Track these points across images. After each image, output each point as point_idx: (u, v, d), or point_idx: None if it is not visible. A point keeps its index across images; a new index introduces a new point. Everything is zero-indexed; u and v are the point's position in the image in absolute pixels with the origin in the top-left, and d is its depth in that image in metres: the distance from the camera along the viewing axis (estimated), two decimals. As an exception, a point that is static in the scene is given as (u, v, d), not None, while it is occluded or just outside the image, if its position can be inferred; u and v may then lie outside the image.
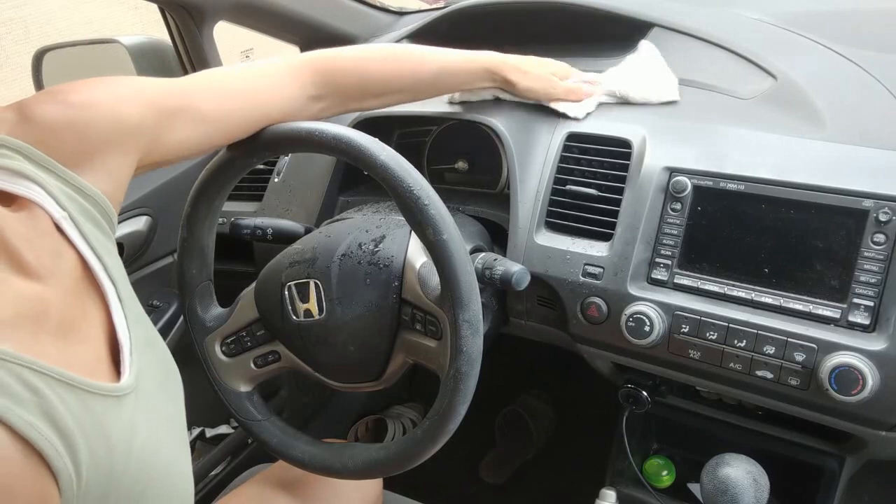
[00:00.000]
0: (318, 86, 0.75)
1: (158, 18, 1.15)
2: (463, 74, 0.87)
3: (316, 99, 0.75)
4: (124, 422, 0.46)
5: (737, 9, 1.04)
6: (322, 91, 0.75)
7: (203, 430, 1.32)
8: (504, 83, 0.89)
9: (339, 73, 0.77)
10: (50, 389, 0.40)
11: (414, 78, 0.83)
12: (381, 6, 1.35)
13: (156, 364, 0.54)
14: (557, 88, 0.90)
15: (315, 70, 0.74)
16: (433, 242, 0.62)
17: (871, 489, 0.94)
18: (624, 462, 0.99)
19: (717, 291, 0.75)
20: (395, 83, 0.82)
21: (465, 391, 0.63)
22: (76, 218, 0.50)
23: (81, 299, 0.49)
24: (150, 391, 0.51)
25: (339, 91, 0.77)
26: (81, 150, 0.52)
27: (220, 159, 0.72)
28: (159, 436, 0.50)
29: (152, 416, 0.50)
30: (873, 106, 0.81)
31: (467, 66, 0.86)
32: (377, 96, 0.81)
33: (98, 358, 0.48)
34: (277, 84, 0.71)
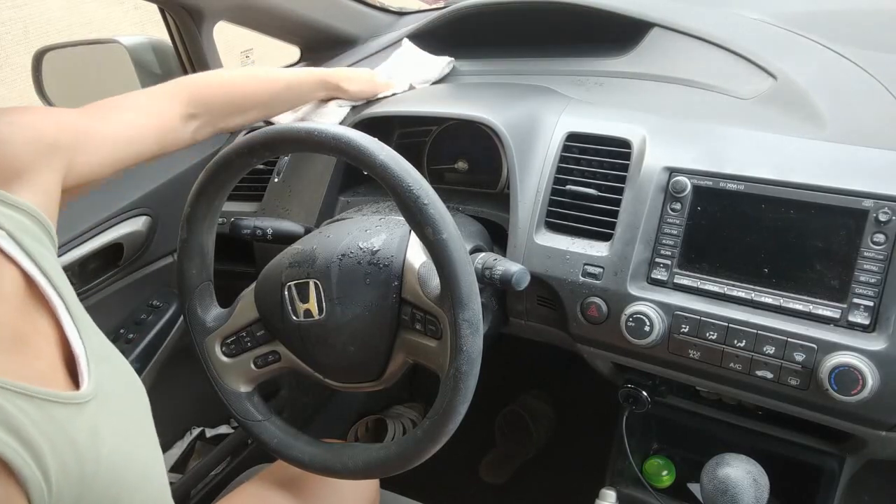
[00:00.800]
0: (191, 105, 0.83)
1: (159, 19, 1.15)
2: (305, 86, 1.00)
3: (190, 118, 0.83)
4: (88, 428, 0.46)
5: (737, 9, 1.04)
6: (194, 110, 0.83)
7: (203, 430, 1.32)
8: (337, 90, 1.04)
9: (209, 92, 0.86)
10: (7, 402, 0.40)
11: (269, 94, 0.95)
12: (381, 6, 1.35)
13: (114, 375, 0.54)
14: (379, 85, 1.08)
15: (186, 90, 0.83)
16: (433, 242, 0.62)
17: (871, 489, 0.94)
18: (624, 462, 0.99)
19: (717, 291, 0.75)
20: (255, 99, 0.92)
21: (465, 391, 0.63)
22: (15, 235, 0.50)
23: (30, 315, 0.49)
24: (111, 399, 0.51)
25: (209, 109, 0.86)
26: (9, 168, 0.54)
27: (220, 159, 0.72)
28: (128, 444, 0.50)
29: (118, 424, 0.50)
30: (873, 106, 0.81)
31: (307, 80, 1.00)
32: (242, 112, 0.92)
33: (54, 370, 0.48)
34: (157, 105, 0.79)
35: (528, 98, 0.97)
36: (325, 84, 1.02)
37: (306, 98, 1.03)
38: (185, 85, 0.84)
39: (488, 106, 0.93)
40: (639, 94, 0.98)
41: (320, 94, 1.04)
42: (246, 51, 3.50)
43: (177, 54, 1.17)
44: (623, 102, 0.94)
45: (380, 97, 1.08)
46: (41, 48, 1.18)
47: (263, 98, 0.93)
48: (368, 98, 1.08)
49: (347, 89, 1.04)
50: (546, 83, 1.03)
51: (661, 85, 0.99)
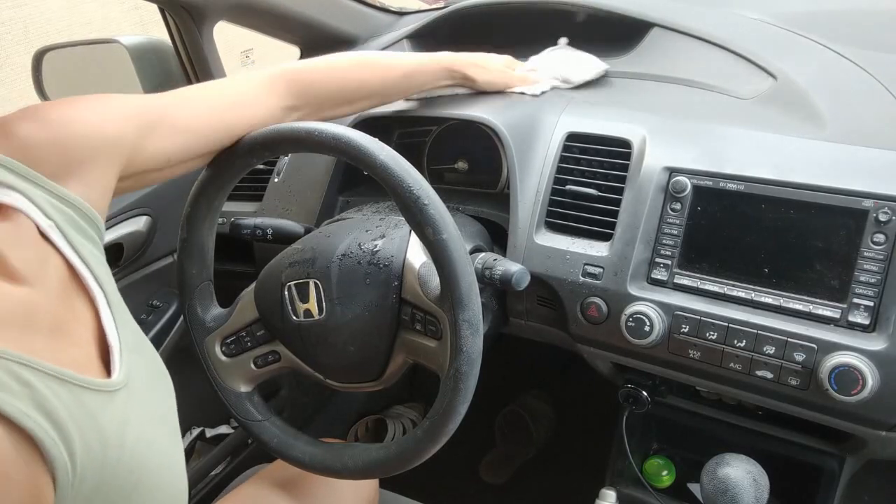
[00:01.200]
0: (294, 96, 0.79)
1: (159, 19, 1.15)
2: (426, 75, 0.93)
3: (292, 109, 0.79)
4: (117, 416, 0.47)
5: (737, 9, 1.05)
6: (298, 101, 0.79)
7: (203, 430, 1.32)
8: (464, 79, 0.96)
9: (314, 83, 0.81)
10: (42, 384, 0.41)
11: (383, 83, 0.88)
12: (381, 6, 1.35)
13: (145, 365, 0.55)
14: (514, 78, 0.99)
15: (289, 81, 0.78)
16: (433, 242, 0.62)
17: (871, 489, 0.94)
18: (624, 462, 0.99)
19: (717, 291, 0.75)
20: (366, 89, 0.87)
21: (465, 391, 0.63)
22: (62, 226, 0.52)
23: (71, 302, 0.51)
24: (140, 389, 0.52)
25: (313, 100, 0.81)
26: (64, 164, 0.54)
27: (220, 160, 0.72)
28: (152, 432, 0.51)
29: (144, 414, 0.51)
30: (873, 106, 0.81)
31: (429, 68, 0.93)
32: (350, 103, 0.87)
33: (89, 358, 0.50)
34: (253, 96, 0.75)
35: (527, 98, 0.97)
36: (450, 73, 0.94)
37: (428, 87, 0.96)
38: (288, 74, 0.79)
39: (488, 106, 0.93)
40: (639, 94, 0.99)
41: (444, 83, 0.96)
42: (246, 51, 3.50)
43: (177, 54, 1.17)
44: (623, 102, 0.94)
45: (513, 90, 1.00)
46: (41, 48, 1.18)
47: (374, 88, 0.88)
48: (498, 90, 0.99)
49: (476, 78, 0.96)
50: (546, 83, 1.03)
51: (661, 85, 0.99)
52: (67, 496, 0.41)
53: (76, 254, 0.52)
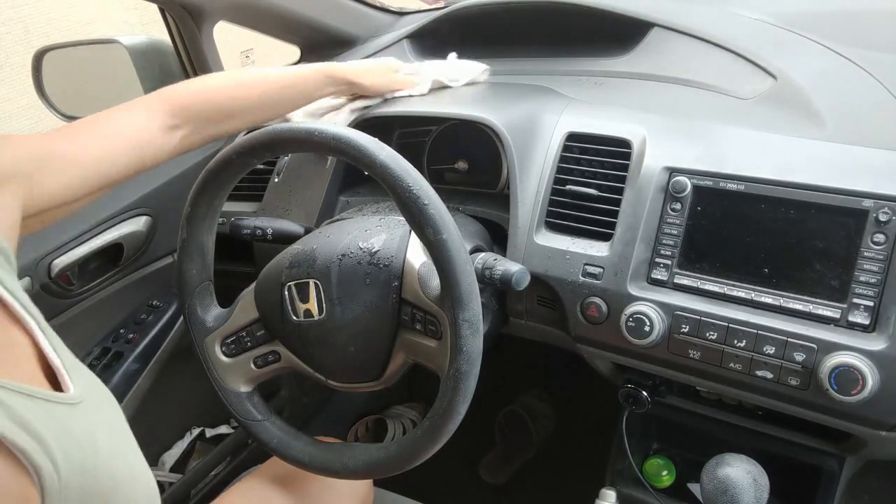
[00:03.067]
0: (172, 115, 0.80)
1: (159, 19, 1.15)
2: (307, 84, 0.93)
3: (173, 129, 0.80)
4: (84, 426, 0.48)
5: (737, 9, 1.05)
6: (177, 120, 0.80)
7: (203, 430, 1.32)
8: (348, 85, 0.96)
9: (191, 102, 0.82)
10: (12, 400, 0.42)
11: (261, 97, 0.89)
12: (381, 6, 1.35)
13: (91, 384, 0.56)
14: (397, 81, 1.00)
15: (167, 102, 0.80)
16: (433, 242, 0.62)
17: (871, 489, 0.94)
18: (624, 462, 0.99)
19: (717, 291, 0.75)
20: (244, 103, 0.88)
21: (465, 391, 0.63)
22: None
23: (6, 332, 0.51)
24: (96, 404, 0.53)
25: (193, 118, 0.82)
26: None
27: (220, 159, 0.72)
28: (117, 444, 0.53)
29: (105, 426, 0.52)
30: (873, 106, 0.81)
31: (309, 77, 0.93)
32: (230, 118, 0.87)
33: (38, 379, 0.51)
34: (135, 120, 0.76)
35: (528, 98, 0.97)
36: (331, 79, 0.94)
37: (312, 96, 0.96)
38: (164, 95, 0.81)
39: (488, 106, 0.93)
40: (639, 94, 0.99)
41: (328, 91, 0.96)
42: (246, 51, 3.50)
43: (177, 54, 1.17)
44: (623, 102, 0.94)
45: (396, 95, 1.01)
46: (41, 48, 1.19)
47: (253, 101, 0.89)
48: (384, 93, 1.01)
49: (360, 83, 0.96)
50: (546, 83, 1.03)
51: (661, 85, 0.99)
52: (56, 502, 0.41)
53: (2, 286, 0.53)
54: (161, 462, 1.24)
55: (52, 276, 0.98)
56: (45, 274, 0.97)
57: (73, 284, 1.03)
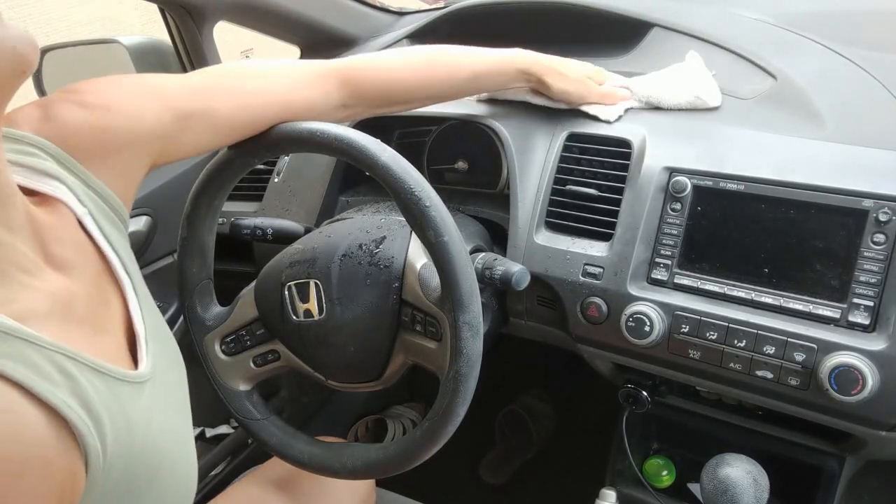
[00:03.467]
0: (345, 95, 0.75)
1: (159, 18, 1.15)
2: (497, 77, 0.86)
3: (342, 107, 0.76)
4: (144, 406, 0.49)
5: (737, 9, 1.04)
6: (349, 101, 0.76)
7: (203, 430, 1.32)
8: (539, 84, 0.87)
9: (371, 84, 0.77)
10: (82, 375, 0.43)
11: (446, 84, 0.82)
12: (381, 6, 1.35)
13: (166, 353, 0.57)
14: (593, 93, 0.88)
15: (341, 80, 0.75)
16: (434, 244, 0.62)
17: (871, 489, 0.94)
18: (624, 462, 0.99)
19: (717, 291, 0.75)
20: (424, 91, 0.81)
21: (464, 393, 0.63)
22: (95, 215, 0.53)
23: (103, 292, 0.52)
24: (162, 379, 0.54)
25: (369, 100, 0.78)
26: (98, 151, 0.54)
27: (221, 159, 0.72)
28: (171, 420, 0.53)
29: (165, 402, 0.53)
30: (873, 106, 0.81)
31: (501, 69, 0.85)
32: (407, 102, 0.82)
33: (119, 347, 0.51)
34: (299, 88, 0.71)
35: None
36: (524, 76, 0.86)
37: (496, 89, 0.89)
38: (348, 75, 0.74)
39: (488, 106, 0.93)
40: (639, 94, 0.98)
41: (516, 85, 0.89)
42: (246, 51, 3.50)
43: (177, 54, 1.17)
44: (623, 102, 0.94)
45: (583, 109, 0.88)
46: (41, 48, 1.18)
47: (437, 90, 0.82)
48: (571, 104, 0.88)
49: (552, 86, 0.86)
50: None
51: (662, 85, 0.98)
52: (98, 481, 0.42)
53: (108, 242, 0.53)
54: (161, 462, 1.24)
55: (52, 276, 0.98)
56: (45, 274, 0.97)
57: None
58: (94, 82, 0.57)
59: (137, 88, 0.59)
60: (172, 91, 0.62)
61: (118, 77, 0.59)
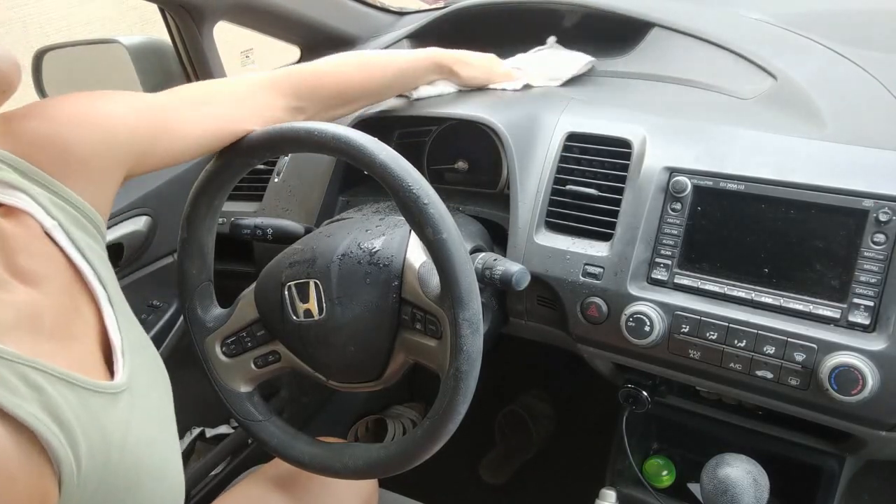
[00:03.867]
0: (298, 97, 0.80)
1: (159, 18, 1.15)
2: (418, 71, 0.96)
3: (298, 111, 0.80)
4: (120, 418, 0.48)
5: (737, 9, 1.05)
6: (303, 102, 0.80)
7: (203, 430, 1.32)
8: (451, 74, 0.99)
9: (320, 84, 0.83)
10: (52, 387, 0.42)
11: (381, 81, 0.91)
12: (381, 6, 1.35)
13: (146, 366, 0.56)
14: (496, 74, 1.02)
15: (294, 83, 0.79)
16: (433, 242, 0.62)
17: (871, 489, 0.94)
18: (624, 462, 0.99)
19: (717, 291, 0.75)
20: (367, 88, 0.89)
21: (465, 391, 0.63)
22: (65, 226, 0.52)
23: (75, 302, 0.51)
24: (142, 390, 0.53)
25: (318, 102, 0.83)
26: (67, 163, 0.54)
27: (220, 160, 0.72)
28: (153, 433, 0.52)
29: (145, 414, 0.52)
30: (873, 106, 0.81)
31: (421, 64, 0.96)
32: (351, 102, 0.89)
33: (93, 358, 0.50)
34: (258, 97, 0.75)
35: (527, 98, 0.97)
36: (438, 67, 0.97)
37: (419, 82, 0.98)
38: (293, 76, 0.80)
39: (488, 106, 0.93)
40: (639, 94, 0.99)
41: (432, 77, 0.99)
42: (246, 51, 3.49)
43: (177, 54, 1.17)
44: (623, 102, 0.94)
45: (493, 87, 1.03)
46: (41, 48, 1.18)
47: (374, 87, 0.90)
48: (480, 85, 1.03)
49: (460, 73, 0.99)
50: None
51: (662, 85, 0.99)
52: (72, 496, 0.41)
53: (79, 253, 0.53)
54: (161, 462, 1.24)
55: (52, 276, 0.98)
56: (45, 274, 0.97)
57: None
58: (61, 98, 0.58)
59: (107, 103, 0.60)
60: (143, 107, 0.63)
61: (89, 93, 0.60)
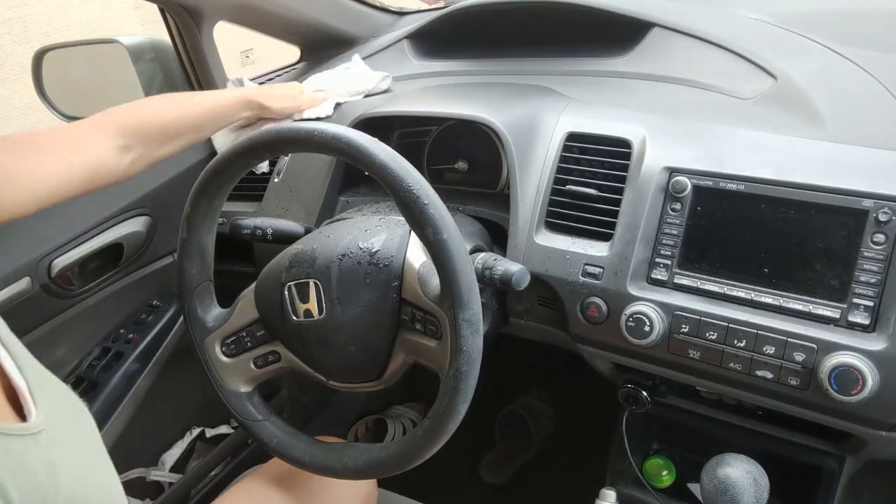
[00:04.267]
0: (125, 136, 0.82)
1: (159, 18, 1.15)
2: (230, 108, 1.00)
3: (125, 149, 0.82)
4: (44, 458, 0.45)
5: (737, 9, 1.05)
6: (129, 141, 0.82)
7: (203, 430, 1.32)
8: (261, 108, 1.04)
9: (139, 121, 0.85)
10: None
11: (196, 118, 0.94)
12: (381, 6, 1.35)
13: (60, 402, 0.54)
14: (303, 102, 1.08)
15: (118, 122, 0.82)
16: (433, 242, 0.62)
17: (871, 489, 0.94)
18: (624, 462, 0.99)
19: (717, 291, 0.75)
20: (185, 123, 0.92)
21: (465, 391, 0.63)
22: None
23: None
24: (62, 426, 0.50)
25: (142, 139, 0.84)
26: None
27: (220, 160, 0.72)
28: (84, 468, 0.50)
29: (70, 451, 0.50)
30: (873, 106, 0.81)
31: (231, 101, 1.00)
32: (173, 139, 0.91)
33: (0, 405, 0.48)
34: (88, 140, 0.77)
35: (528, 98, 0.97)
36: (248, 103, 1.02)
37: (233, 118, 1.02)
38: (116, 116, 0.83)
39: (488, 106, 0.93)
40: (639, 94, 0.99)
41: (246, 114, 1.04)
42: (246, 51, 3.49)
43: (177, 54, 1.17)
44: (623, 102, 0.94)
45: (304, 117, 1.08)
46: (41, 48, 1.19)
47: (193, 122, 0.94)
48: (292, 114, 1.08)
49: (270, 106, 1.04)
50: (546, 83, 1.03)
51: (662, 85, 0.99)
52: None
53: None
54: (161, 462, 1.24)
55: (53, 276, 0.98)
56: (45, 274, 0.97)
57: (74, 284, 1.03)
58: None
59: None
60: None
61: None
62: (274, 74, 1.38)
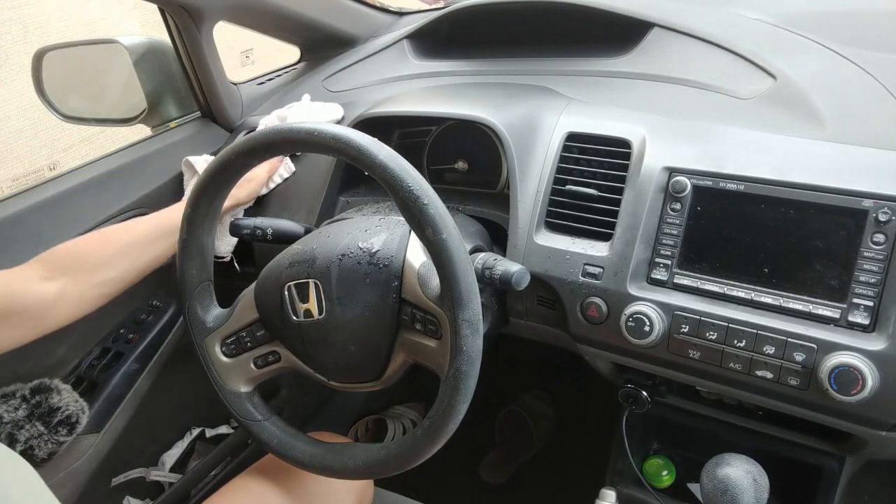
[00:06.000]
0: (46, 267, 0.81)
1: (159, 19, 1.15)
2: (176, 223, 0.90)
3: (47, 279, 0.80)
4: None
5: (737, 9, 1.05)
6: (52, 273, 0.81)
7: (203, 430, 1.32)
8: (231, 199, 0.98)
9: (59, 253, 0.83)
10: None
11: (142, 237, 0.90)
12: (380, 6, 1.36)
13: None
14: (262, 174, 1.04)
15: (38, 258, 0.82)
16: (432, 242, 0.62)
17: (871, 489, 0.94)
18: (624, 462, 0.99)
19: (717, 291, 0.75)
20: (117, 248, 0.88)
21: (465, 391, 0.63)
22: None
23: None
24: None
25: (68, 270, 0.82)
26: None
27: (220, 161, 0.72)
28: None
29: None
30: (873, 106, 0.81)
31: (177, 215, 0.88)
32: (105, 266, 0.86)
33: None
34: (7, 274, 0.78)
35: (528, 98, 0.97)
36: None
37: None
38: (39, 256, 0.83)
39: (488, 106, 0.93)
40: (639, 94, 0.98)
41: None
42: (246, 51, 3.49)
43: (177, 54, 1.17)
44: (623, 102, 0.94)
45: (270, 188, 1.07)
46: (41, 48, 1.18)
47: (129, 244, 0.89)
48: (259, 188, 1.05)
49: (238, 195, 1.00)
50: (546, 83, 1.03)
51: (661, 85, 0.99)
52: None
53: None
54: (161, 462, 1.24)
55: (52, 276, 0.98)
56: (45, 274, 0.97)
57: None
58: None
59: None
60: None
61: None
62: (274, 74, 1.38)
